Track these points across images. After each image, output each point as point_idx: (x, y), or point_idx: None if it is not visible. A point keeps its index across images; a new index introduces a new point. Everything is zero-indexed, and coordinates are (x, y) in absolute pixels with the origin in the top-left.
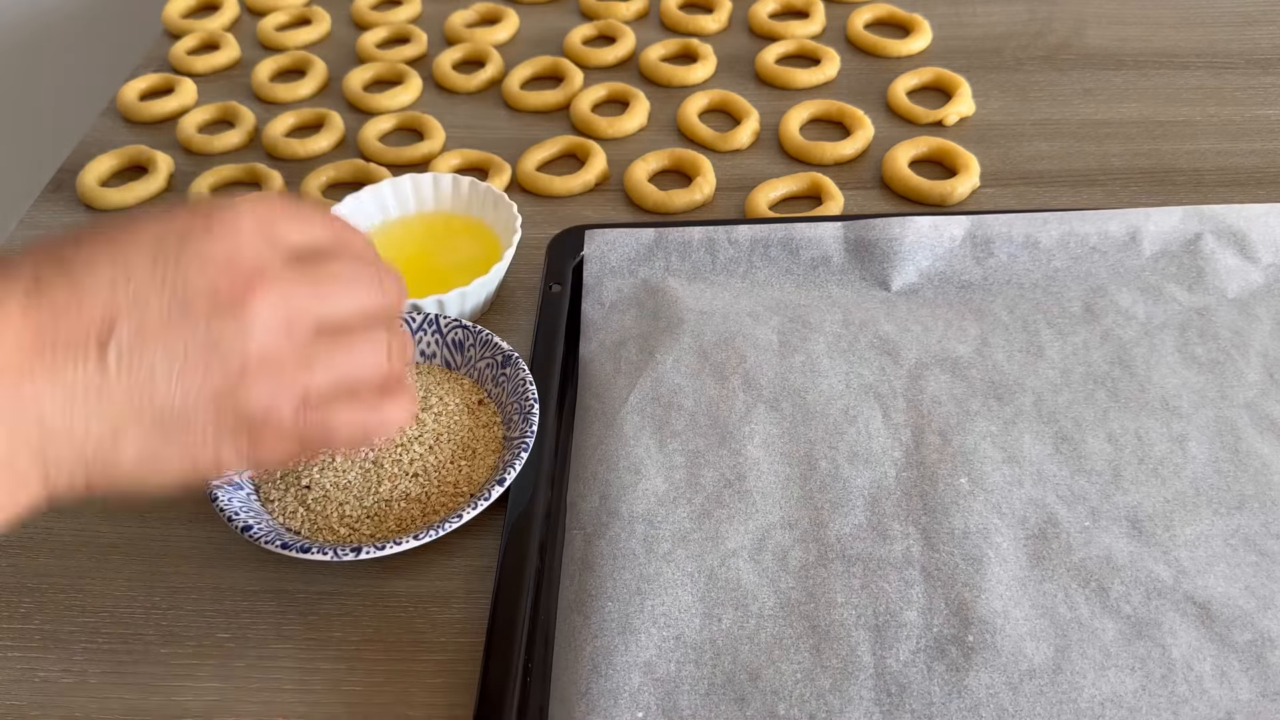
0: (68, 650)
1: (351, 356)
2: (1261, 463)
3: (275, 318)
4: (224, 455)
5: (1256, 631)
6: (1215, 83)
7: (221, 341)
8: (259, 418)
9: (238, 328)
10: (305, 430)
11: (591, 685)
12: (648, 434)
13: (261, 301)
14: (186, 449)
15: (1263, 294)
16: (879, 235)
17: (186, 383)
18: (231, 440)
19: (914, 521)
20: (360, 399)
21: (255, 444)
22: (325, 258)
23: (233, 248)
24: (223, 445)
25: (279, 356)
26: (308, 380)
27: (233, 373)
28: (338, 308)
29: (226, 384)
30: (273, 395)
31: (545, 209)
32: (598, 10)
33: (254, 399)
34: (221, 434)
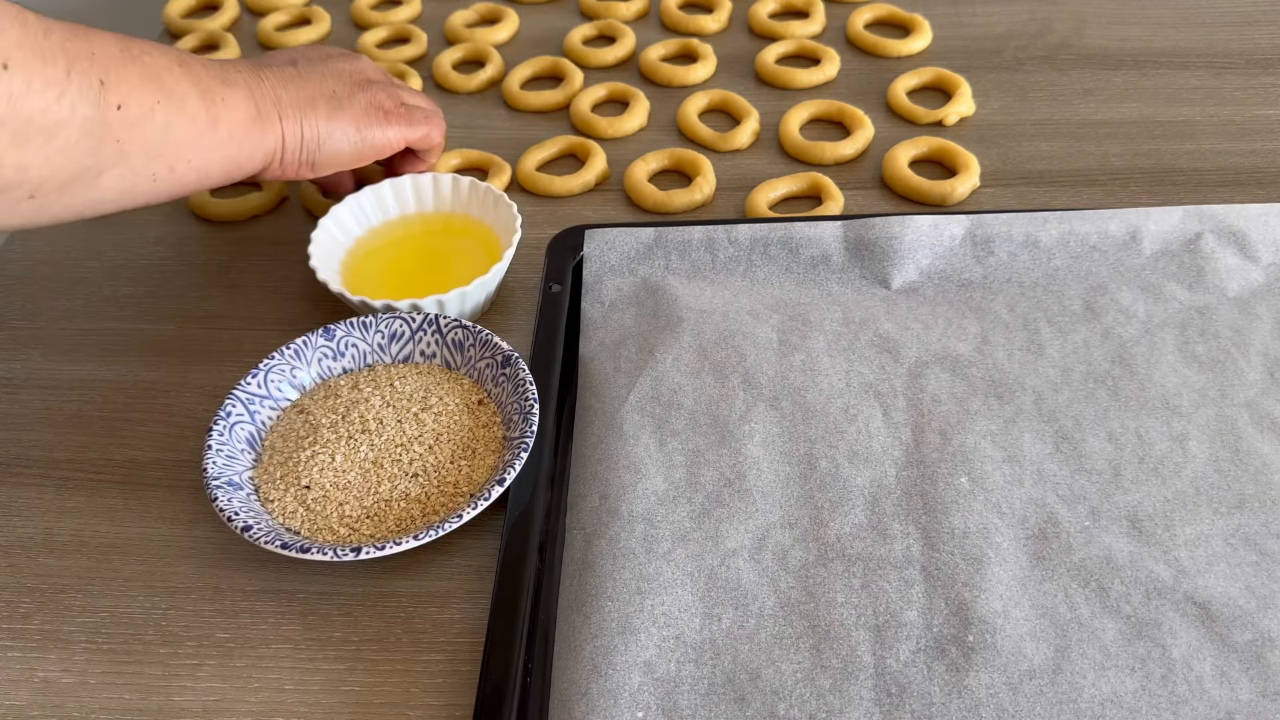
0: (67, 650)
1: (421, 103)
2: (1262, 462)
3: (379, 71)
4: (370, 130)
5: (1257, 631)
6: (1215, 83)
7: (354, 69)
8: (383, 105)
9: (363, 64)
10: (406, 115)
11: (591, 685)
12: (647, 433)
13: (370, 65)
14: (351, 117)
15: (1263, 293)
16: (879, 234)
17: (339, 80)
18: (372, 119)
19: (914, 521)
20: (428, 116)
21: (385, 124)
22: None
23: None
24: (370, 121)
25: (382, 81)
26: (400, 96)
27: (362, 82)
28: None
29: (360, 86)
30: (386, 96)
31: (545, 209)
32: (598, 10)
33: (377, 95)
34: (368, 112)
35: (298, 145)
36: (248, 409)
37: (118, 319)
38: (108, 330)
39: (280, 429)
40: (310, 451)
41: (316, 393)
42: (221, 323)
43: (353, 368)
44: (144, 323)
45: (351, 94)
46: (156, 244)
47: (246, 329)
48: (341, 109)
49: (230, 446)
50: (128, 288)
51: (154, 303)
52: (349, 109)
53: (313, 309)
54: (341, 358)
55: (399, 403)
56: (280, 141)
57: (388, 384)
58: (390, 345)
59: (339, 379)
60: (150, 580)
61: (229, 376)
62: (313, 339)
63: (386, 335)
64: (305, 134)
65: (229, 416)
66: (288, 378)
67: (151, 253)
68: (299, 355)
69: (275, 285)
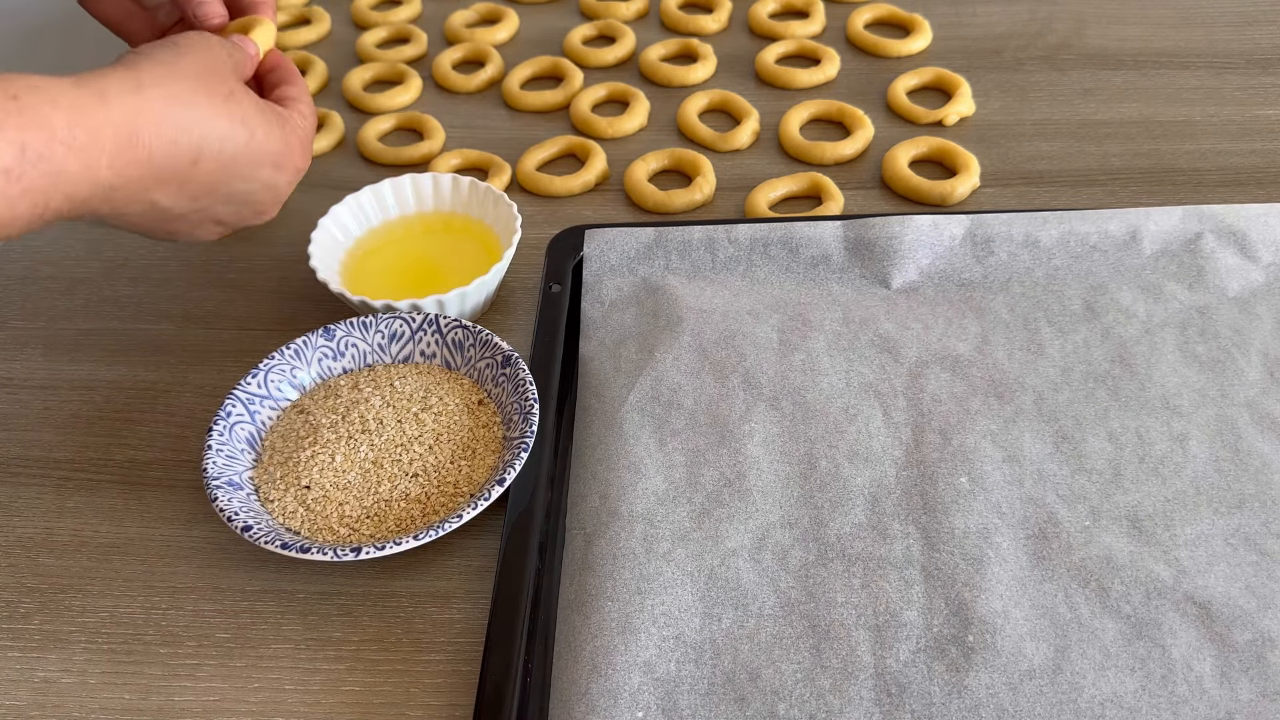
0: (67, 650)
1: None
2: (1262, 462)
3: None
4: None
5: (1257, 631)
6: (1215, 83)
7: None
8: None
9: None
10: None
11: (591, 685)
12: (647, 433)
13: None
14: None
15: (1263, 293)
16: (879, 234)
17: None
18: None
19: (914, 521)
20: None
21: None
22: None
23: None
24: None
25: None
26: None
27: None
28: None
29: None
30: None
31: (545, 209)
32: (598, 10)
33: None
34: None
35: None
36: (248, 409)
37: (118, 319)
38: (108, 330)
39: (280, 429)
40: (310, 451)
41: (316, 393)
42: (221, 323)
43: (353, 368)
44: (144, 323)
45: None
46: (156, 244)
47: (246, 329)
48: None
49: (230, 446)
50: (128, 288)
51: (154, 303)
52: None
53: (313, 309)
54: (341, 358)
55: (399, 403)
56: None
57: (388, 384)
58: (390, 345)
59: (339, 379)
60: (150, 580)
61: (229, 376)
62: (313, 339)
63: (386, 335)
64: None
65: (229, 416)
66: (288, 378)
67: (151, 253)
68: (299, 355)
69: (275, 285)
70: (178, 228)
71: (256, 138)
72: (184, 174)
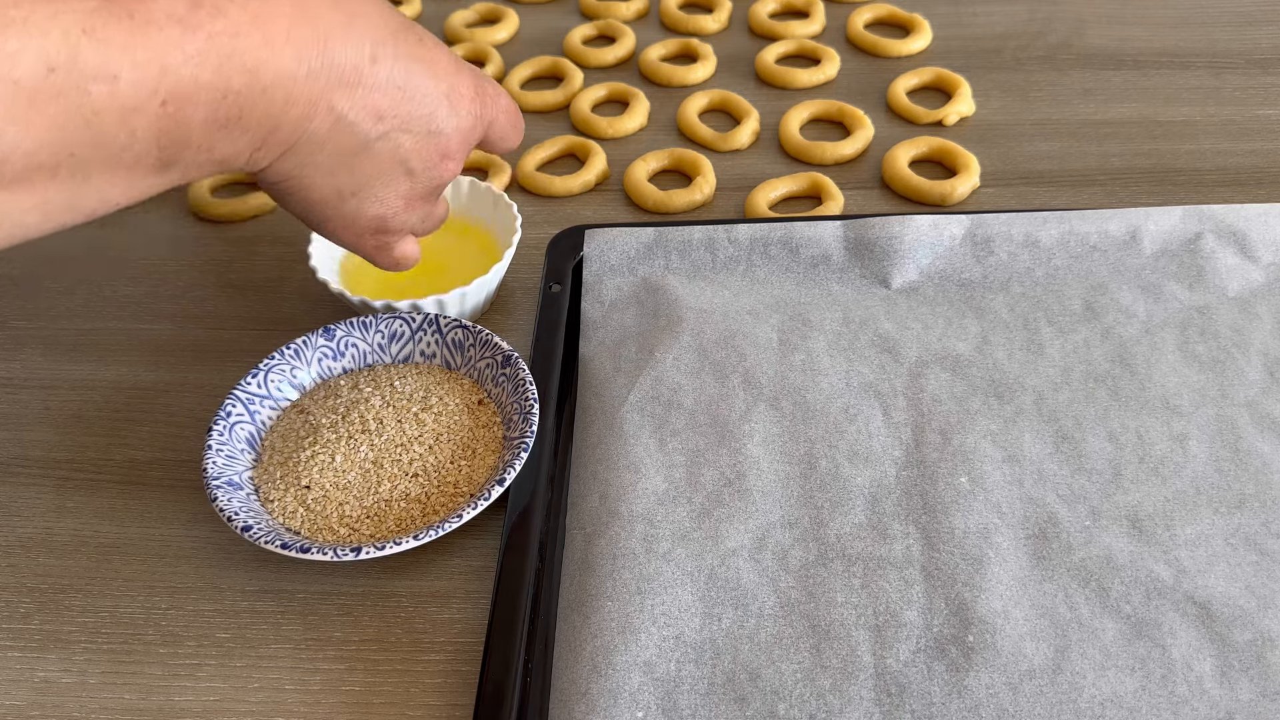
0: (67, 650)
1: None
2: (1262, 462)
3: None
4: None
5: (1257, 631)
6: (1215, 83)
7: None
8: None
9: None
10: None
11: (591, 685)
12: (647, 433)
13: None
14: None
15: (1263, 293)
16: (879, 234)
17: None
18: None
19: (914, 521)
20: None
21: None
22: None
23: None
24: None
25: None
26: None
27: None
28: None
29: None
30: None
31: (545, 209)
32: (598, 10)
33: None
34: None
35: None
36: (248, 409)
37: (118, 319)
38: (108, 330)
39: (280, 429)
40: (310, 451)
41: (316, 393)
42: (221, 323)
43: (353, 368)
44: (144, 323)
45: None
46: (156, 244)
47: (246, 329)
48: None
49: (230, 446)
50: (128, 288)
51: (154, 303)
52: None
53: (313, 309)
54: (341, 358)
55: (399, 403)
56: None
57: (388, 384)
58: (390, 345)
59: (339, 379)
60: (150, 580)
61: (229, 376)
62: (313, 339)
63: (386, 335)
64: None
65: (229, 416)
66: (288, 378)
67: (151, 253)
68: (299, 355)
69: (275, 285)
70: (368, 176)
71: (428, 43)
72: (363, 72)
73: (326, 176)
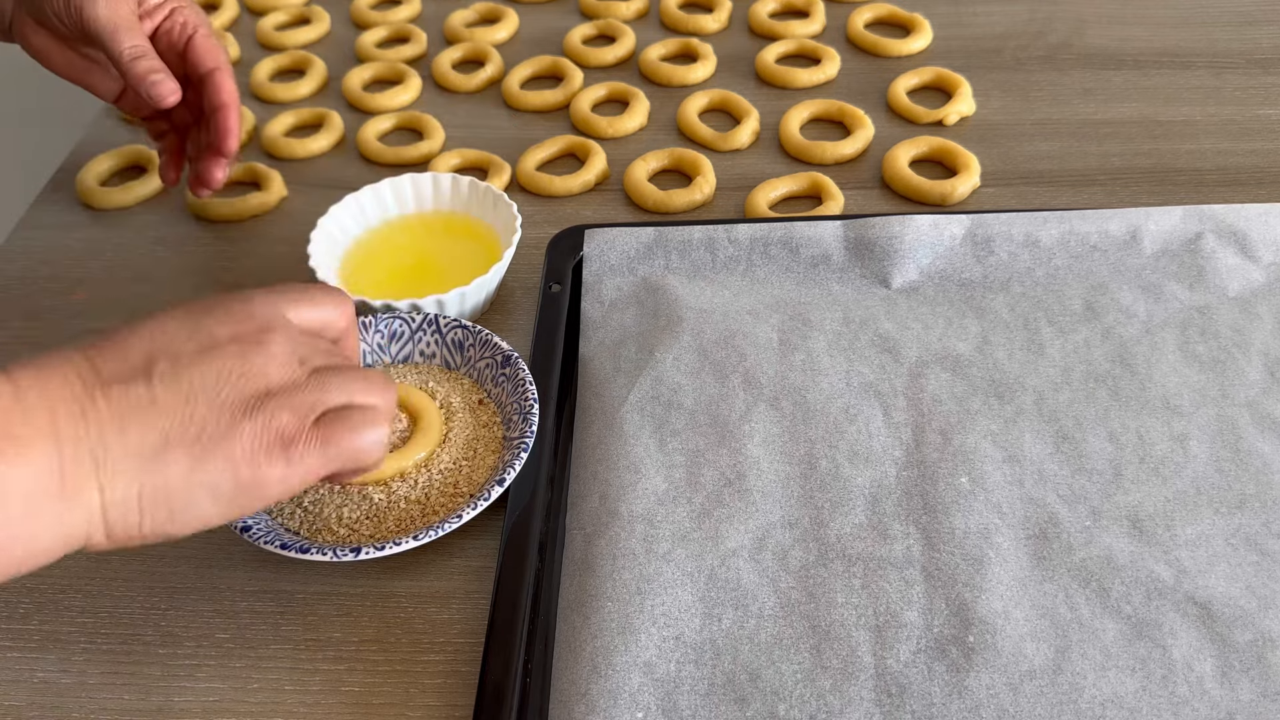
0: (66, 651)
1: (354, 383)
2: (1262, 462)
3: (288, 352)
4: (262, 472)
5: (1257, 631)
6: (1215, 82)
7: (248, 370)
8: (284, 429)
9: (261, 358)
10: (324, 433)
11: (591, 685)
12: (647, 433)
13: (277, 339)
14: (226, 461)
15: (1264, 293)
16: (879, 234)
17: (222, 399)
18: (266, 457)
19: (914, 521)
20: (363, 418)
21: (286, 460)
22: (327, 331)
23: (248, 308)
24: (259, 461)
25: (295, 381)
26: (321, 399)
27: (259, 392)
28: (336, 360)
29: (250, 406)
30: (292, 411)
31: (545, 209)
32: (598, 10)
33: (277, 416)
34: (257, 451)
35: (133, 518)
36: None
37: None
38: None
39: None
40: None
41: None
42: None
43: None
44: None
45: (233, 423)
46: (156, 244)
47: None
48: (212, 451)
49: None
50: (128, 288)
51: (154, 303)
52: (224, 449)
53: None
54: None
55: None
56: (98, 515)
57: None
58: (390, 345)
59: None
60: (150, 580)
61: None
62: None
63: (386, 335)
64: (145, 502)
65: None
66: None
67: (151, 253)
68: None
69: None
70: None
71: None
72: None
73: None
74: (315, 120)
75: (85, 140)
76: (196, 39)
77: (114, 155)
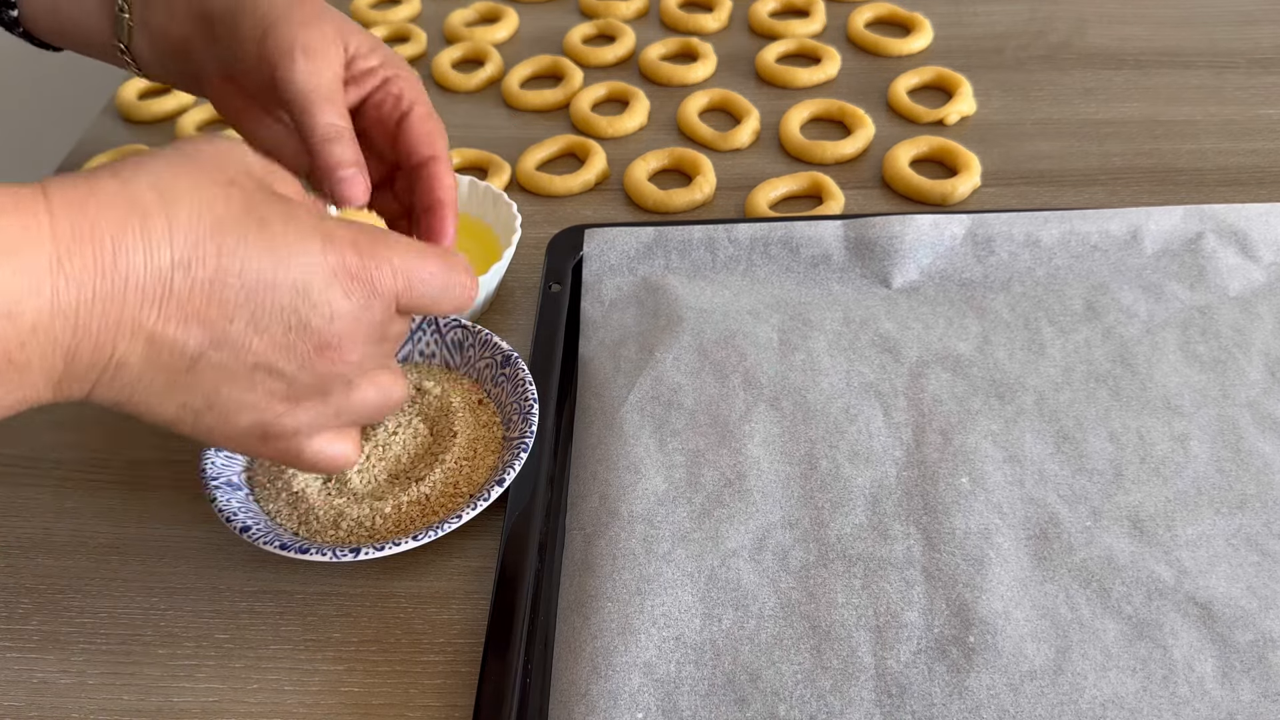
0: (66, 651)
1: (377, 406)
2: (1263, 462)
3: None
4: (245, 444)
5: (1258, 632)
6: (1216, 82)
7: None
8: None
9: (331, 399)
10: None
11: (591, 686)
12: (647, 433)
13: (360, 385)
14: (219, 432)
15: (1264, 293)
16: (879, 233)
17: (244, 427)
18: (260, 442)
19: (915, 521)
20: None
21: (277, 444)
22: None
23: (374, 330)
24: (252, 446)
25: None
26: (347, 415)
27: (282, 435)
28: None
29: (274, 437)
30: (313, 420)
31: (545, 209)
32: (597, 9)
33: (300, 420)
34: (254, 439)
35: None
36: None
37: None
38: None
39: None
40: None
41: None
42: None
43: None
44: None
45: (247, 430)
46: None
47: None
48: (212, 428)
49: None
50: None
51: None
52: (222, 432)
53: None
54: None
55: None
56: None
57: None
58: None
59: None
60: (149, 581)
61: None
62: None
63: None
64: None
65: None
66: None
67: None
68: None
69: None
70: (216, 393)
71: (273, 227)
72: (172, 282)
73: (164, 397)
74: None
75: (84, 140)
76: (412, 118)
77: (113, 155)
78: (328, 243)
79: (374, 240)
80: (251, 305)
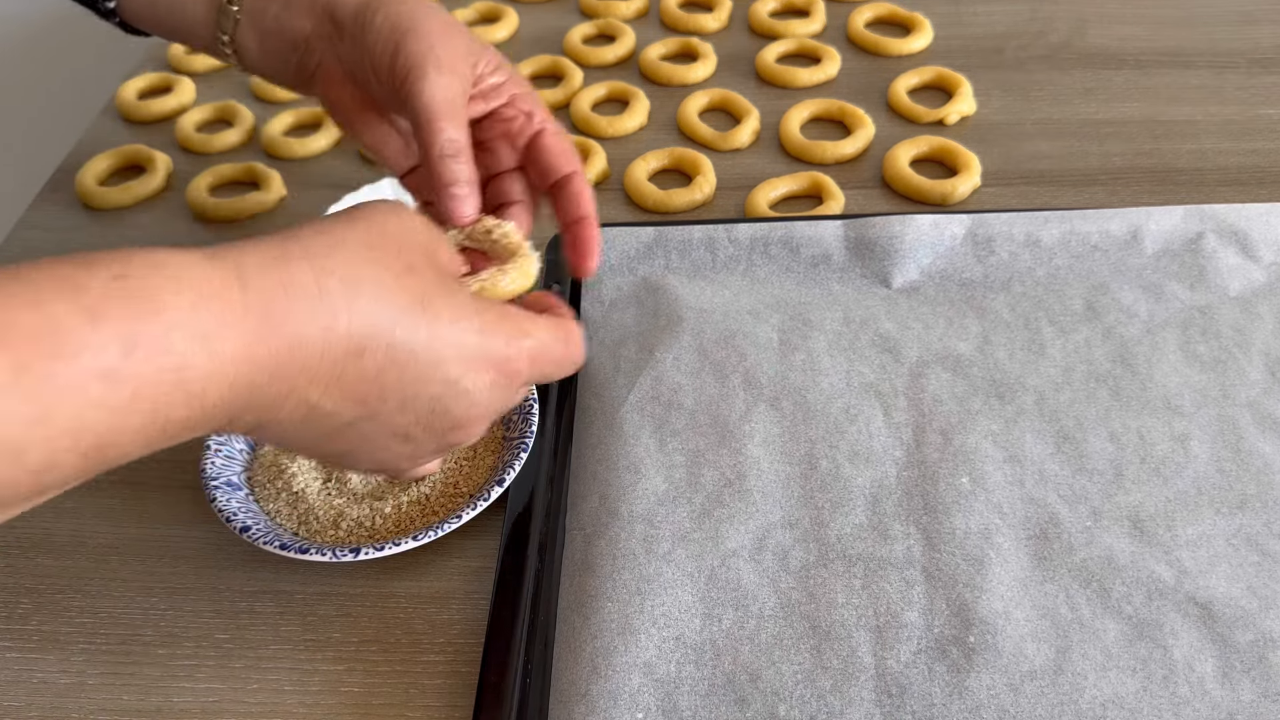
0: (66, 651)
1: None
2: (1264, 462)
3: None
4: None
5: (1258, 632)
6: (1217, 82)
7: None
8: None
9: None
10: None
11: (591, 686)
12: (647, 433)
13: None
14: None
15: (1265, 292)
16: (880, 233)
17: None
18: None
19: (915, 521)
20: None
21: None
22: None
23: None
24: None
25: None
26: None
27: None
28: None
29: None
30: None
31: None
32: (597, 9)
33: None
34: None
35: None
36: None
37: None
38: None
39: None
40: None
41: None
42: None
43: None
44: None
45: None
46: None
47: None
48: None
49: (229, 447)
50: None
51: None
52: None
53: None
54: None
55: None
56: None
57: None
58: None
59: None
60: (149, 581)
61: None
62: None
63: None
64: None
65: None
66: None
67: None
68: None
69: None
70: (355, 447)
71: (440, 322)
72: (345, 367)
73: (306, 443)
74: (315, 120)
75: (84, 140)
76: (546, 138)
77: (113, 155)
78: (482, 335)
79: (518, 325)
80: (406, 392)
